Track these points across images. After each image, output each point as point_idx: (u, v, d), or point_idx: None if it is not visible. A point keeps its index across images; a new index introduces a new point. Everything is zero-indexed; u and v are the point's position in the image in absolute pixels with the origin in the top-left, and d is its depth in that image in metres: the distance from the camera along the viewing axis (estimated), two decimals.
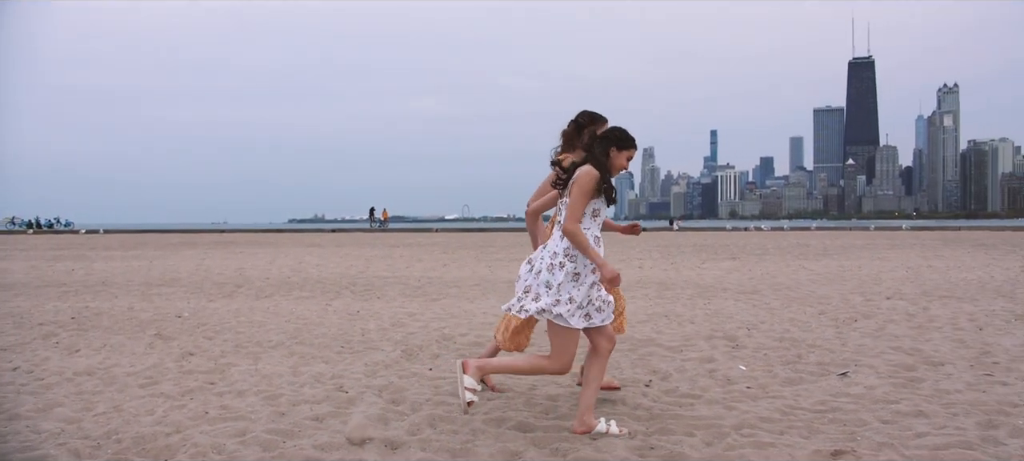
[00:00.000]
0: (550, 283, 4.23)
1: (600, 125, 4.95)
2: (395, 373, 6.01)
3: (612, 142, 4.38)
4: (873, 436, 4.33)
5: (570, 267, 4.22)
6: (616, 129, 4.45)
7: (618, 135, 4.40)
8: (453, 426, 4.60)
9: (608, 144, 4.37)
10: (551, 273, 4.25)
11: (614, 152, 4.36)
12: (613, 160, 4.36)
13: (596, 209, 4.32)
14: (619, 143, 4.38)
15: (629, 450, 4.13)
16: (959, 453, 4.04)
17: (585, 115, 5.00)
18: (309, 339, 7.55)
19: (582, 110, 5.07)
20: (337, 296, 11.38)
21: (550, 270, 4.25)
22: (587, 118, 4.99)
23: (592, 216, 4.31)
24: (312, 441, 4.32)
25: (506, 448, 4.19)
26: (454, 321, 8.67)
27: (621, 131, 4.43)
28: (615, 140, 4.38)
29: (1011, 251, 22.18)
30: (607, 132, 4.44)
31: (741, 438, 4.33)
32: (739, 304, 10.15)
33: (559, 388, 5.52)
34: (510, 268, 16.53)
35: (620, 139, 4.39)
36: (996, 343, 7.07)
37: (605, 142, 4.38)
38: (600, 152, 4.35)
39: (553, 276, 4.24)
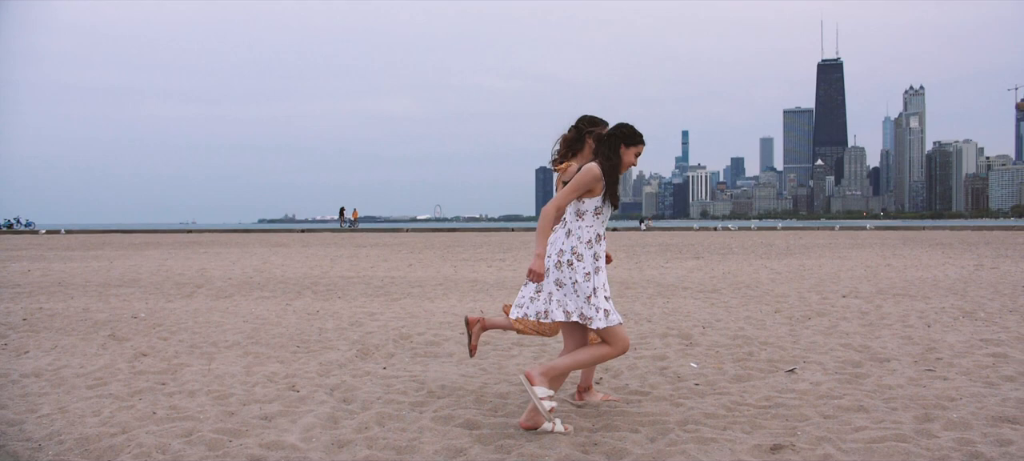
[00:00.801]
0: (562, 281, 4.27)
1: (601, 128, 4.95)
2: (349, 372, 6.02)
3: (620, 139, 4.39)
4: (813, 431, 4.42)
5: (579, 266, 4.25)
6: (623, 126, 4.45)
7: (626, 132, 4.41)
8: (401, 424, 4.63)
9: (617, 141, 4.39)
10: (560, 270, 4.28)
11: (623, 149, 4.39)
12: (622, 157, 4.38)
13: (598, 208, 4.34)
14: (627, 140, 4.40)
15: (572, 446, 4.17)
16: (893, 446, 4.13)
17: (585, 120, 5.00)
18: (266, 339, 7.52)
19: (582, 115, 5.05)
20: (298, 296, 11.33)
21: (558, 268, 4.29)
22: (587, 123, 4.98)
23: (594, 213, 4.34)
24: (258, 440, 4.32)
25: (451, 445, 4.23)
26: (413, 320, 8.68)
27: (628, 128, 4.43)
28: (623, 137, 4.40)
29: (967, 250, 22.63)
30: (614, 129, 4.45)
31: (684, 434, 4.40)
32: (698, 303, 10.27)
33: (510, 386, 5.55)
34: (475, 269, 16.56)
35: (628, 136, 4.40)
36: (942, 340, 7.23)
37: (613, 140, 4.40)
38: (609, 150, 4.36)
39: (562, 273, 4.27)
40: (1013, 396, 5.11)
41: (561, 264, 4.27)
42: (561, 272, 4.26)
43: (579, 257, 4.26)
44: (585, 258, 4.26)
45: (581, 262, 4.25)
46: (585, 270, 4.24)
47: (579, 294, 4.23)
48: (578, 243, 4.29)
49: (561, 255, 4.29)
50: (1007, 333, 7.56)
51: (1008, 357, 6.40)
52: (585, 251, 4.28)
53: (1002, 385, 5.44)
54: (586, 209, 4.36)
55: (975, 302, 10.03)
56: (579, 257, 4.26)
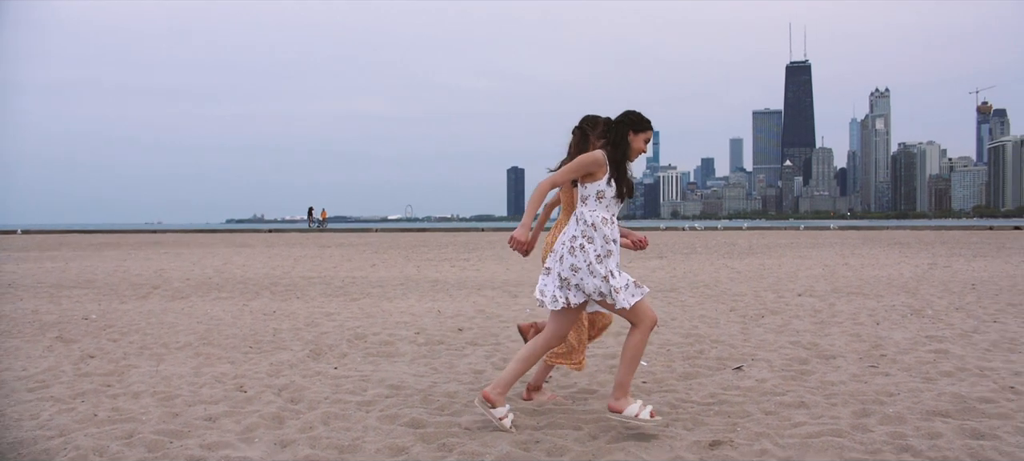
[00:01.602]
0: (577, 266, 4.25)
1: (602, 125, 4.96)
2: (299, 372, 6.00)
3: (628, 125, 4.36)
4: (752, 427, 4.49)
5: (591, 249, 4.24)
6: (631, 112, 4.41)
7: (633, 118, 4.38)
8: (346, 424, 4.63)
9: (624, 128, 4.36)
10: (573, 255, 4.27)
11: (631, 136, 4.36)
12: (631, 144, 4.37)
13: (601, 192, 4.31)
14: (635, 125, 4.37)
15: (514, 444, 4.20)
16: (828, 441, 4.21)
17: (589, 120, 5.01)
18: (218, 340, 7.46)
19: (584, 115, 5.07)
20: (256, 296, 11.25)
21: (572, 253, 4.28)
22: (590, 122, 5.00)
23: (596, 198, 4.32)
24: (200, 441, 4.29)
25: (394, 444, 4.24)
26: (369, 320, 8.67)
27: (636, 114, 4.40)
28: (631, 123, 4.37)
29: (923, 249, 23.07)
30: (621, 116, 4.41)
31: (626, 431, 4.44)
32: (655, 302, 10.35)
33: (459, 386, 5.57)
34: (438, 269, 16.54)
35: (635, 122, 4.37)
36: (888, 337, 7.37)
37: (621, 127, 4.37)
38: (618, 139, 4.35)
39: (575, 258, 4.26)
40: (949, 391, 5.23)
41: (574, 249, 4.26)
42: (574, 257, 4.25)
43: (590, 239, 4.25)
44: (595, 240, 4.26)
45: (592, 244, 4.24)
46: (596, 252, 4.23)
47: (595, 275, 4.22)
48: (586, 226, 4.29)
49: (573, 240, 4.28)
50: (951, 330, 7.72)
51: (949, 353, 6.54)
52: (594, 234, 4.28)
53: (940, 380, 5.57)
54: (588, 194, 4.34)
55: (925, 300, 10.23)
56: (590, 239, 4.25)
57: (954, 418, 4.62)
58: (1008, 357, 6.38)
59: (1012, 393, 5.19)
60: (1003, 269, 15.35)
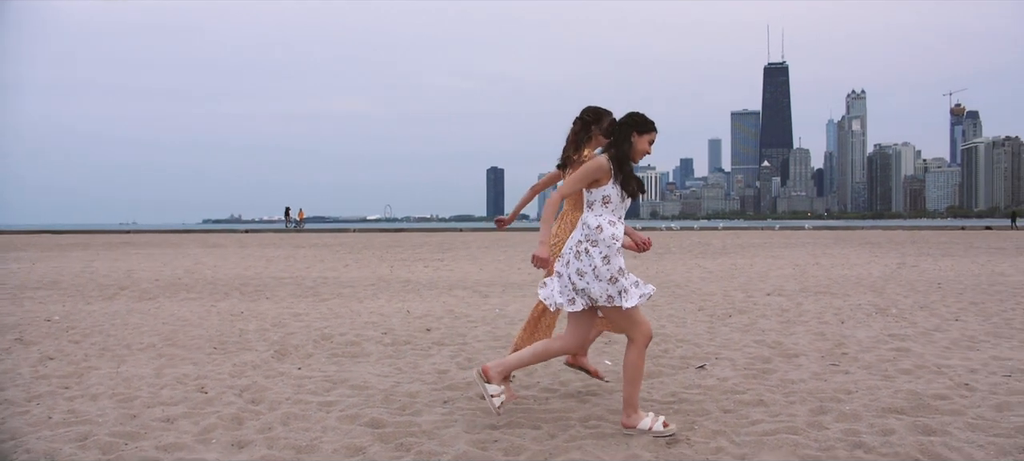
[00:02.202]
0: (582, 270, 4.26)
1: (606, 119, 4.95)
2: (262, 373, 5.96)
3: (632, 127, 4.35)
4: (710, 425, 4.52)
5: (596, 252, 4.24)
6: (635, 114, 4.40)
7: (637, 119, 4.37)
8: (306, 424, 4.61)
9: (628, 130, 4.35)
10: (579, 260, 4.28)
11: (635, 137, 4.35)
12: (635, 145, 4.36)
13: (606, 196, 4.31)
14: (639, 127, 4.35)
15: (471, 443, 4.21)
16: (783, 438, 4.25)
17: (590, 111, 5.01)
18: (183, 341, 7.40)
19: (586, 106, 5.07)
20: (225, 297, 11.17)
21: (578, 257, 4.28)
22: (593, 114, 5.00)
23: (602, 203, 4.31)
24: (156, 442, 4.26)
25: (352, 444, 4.23)
26: (338, 321, 8.63)
27: (639, 115, 4.39)
28: (635, 125, 4.35)
29: (893, 249, 23.35)
30: (625, 118, 4.39)
31: (585, 430, 4.47)
32: None
33: (422, 385, 5.56)
34: (411, 269, 16.51)
35: (640, 123, 4.36)
36: (852, 335, 7.44)
37: (625, 128, 4.35)
38: (622, 140, 4.34)
39: (581, 262, 4.26)
40: (906, 388, 5.30)
41: (579, 253, 4.27)
42: (580, 261, 4.26)
43: (594, 243, 4.26)
44: (600, 244, 4.26)
45: (596, 248, 4.25)
46: (602, 254, 4.23)
47: (602, 278, 4.22)
48: (591, 230, 4.30)
49: (579, 244, 4.30)
50: (913, 328, 7.82)
51: (910, 351, 6.63)
52: (599, 236, 4.29)
53: (898, 378, 5.64)
54: (594, 199, 4.35)
55: (890, 299, 10.36)
56: (594, 243, 4.26)
57: (908, 415, 4.67)
58: (966, 354, 6.47)
59: (966, 390, 5.26)
60: (969, 268, 15.57)
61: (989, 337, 7.29)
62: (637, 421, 4.35)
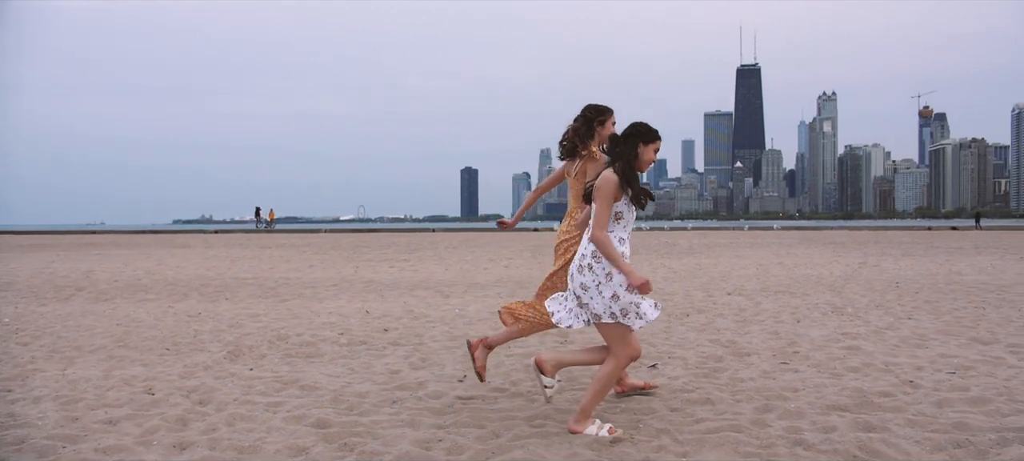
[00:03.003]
0: (586, 285, 4.25)
1: (607, 117, 4.96)
2: (213, 374, 5.91)
3: (638, 137, 4.32)
4: (655, 423, 4.55)
5: (599, 268, 4.23)
6: (639, 124, 4.38)
7: (642, 130, 4.34)
8: (251, 425, 4.59)
9: (634, 141, 4.32)
10: (582, 274, 4.27)
11: (641, 147, 4.33)
12: (641, 156, 4.33)
13: (619, 213, 4.30)
14: (644, 137, 4.33)
15: (414, 443, 4.20)
16: (726, 436, 4.30)
17: (592, 109, 5.00)
18: (136, 342, 7.31)
19: (588, 104, 5.06)
20: (183, 298, 11.05)
21: (581, 271, 4.28)
22: (594, 111, 4.99)
23: (615, 219, 4.30)
24: (95, 444, 4.21)
25: (295, 444, 4.21)
26: (295, 322, 8.57)
27: (644, 125, 4.37)
28: (640, 135, 4.33)
29: (857, 248, 23.66)
30: (631, 129, 4.37)
31: (529, 429, 4.48)
32: None
33: (372, 385, 5.54)
34: (376, 269, 16.44)
35: (645, 133, 4.33)
36: (805, 334, 7.53)
37: (631, 140, 4.33)
38: (627, 151, 4.30)
39: (584, 277, 4.26)
40: (852, 386, 5.37)
41: (583, 268, 4.28)
42: (584, 276, 4.26)
43: (599, 259, 4.24)
44: (604, 260, 4.24)
45: (600, 264, 4.23)
46: (606, 270, 4.22)
47: (603, 295, 4.23)
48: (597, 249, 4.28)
49: (582, 259, 4.30)
50: (867, 327, 7.92)
51: (860, 349, 6.71)
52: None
53: (845, 376, 5.71)
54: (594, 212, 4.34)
55: (848, 298, 10.49)
56: (599, 259, 4.24)
57: (851, 412, 4.74)
58: (914, 352, 6.57)
59: (910, 387, 5.35)
60: (928, 267, 15.82)
61: (939, 335, 7.41)
62: (584, 428, 4.36)
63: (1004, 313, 8.90)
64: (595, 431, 4.33)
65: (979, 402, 4.92)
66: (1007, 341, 7.07)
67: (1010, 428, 4.35)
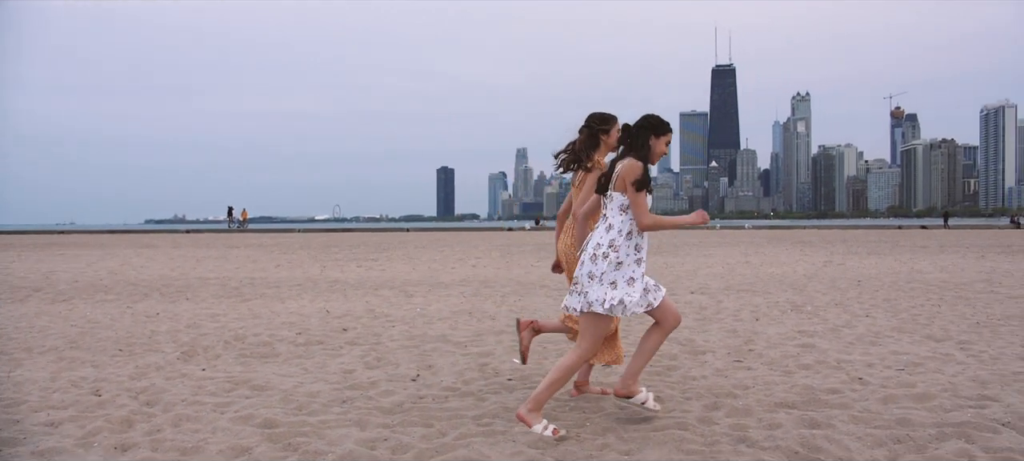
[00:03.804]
0: (594, 273, 4.26)
1: (611, 125, 4.96)
2: (164, 375, 5.84)
3: (650, 130, 4.40)
4: (602, 422, 4.56)
5: (614, 257, 4.25)
6: (652, 117, 4.46)
7: (654, 122, 4.43)
8: (197, 425, 4.54)
9: (647, 133, 4.40)
10: (594, 263, 4.28)
11: (653, 139, 4.40)
12: (653, 147, 4.40)
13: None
14: (656, 130, 4.41)
15: (358, 442, 4.18)
16: (672, 433, 4.31)
17: (596, 118, 4.99)
18: (88, 343, 7.21)
19: (591, 114, 5.04)
20: (144, 298, 10.91)
21: (593, 260, 4.28)
22: (598, 121, 4.98)
23: (624, 210, 4.33)
24: (33, 447, 4.14)
25: (239, 444, 4.17)
26: (255, 322, 8.50)
27: (656, 118, 4.46)
28: (652, 127, 4.41)
29: (824, 247, 23.92)
30: (643, 121, 4.45)
31: (476, 427, 4.46)
32: (550, 300, 10.45)
33: (325, 385, 5.51)
34: (343, 269, 16.35)
35: (657, 126, 4.42)
36: (762, 332, 7.58)
37: (643, 132, 4.40)
38: (641, 143, 4.38)
39: (596, 266, 4.26)
40: (802, 383, 5.41)
41: (596, 257, 4.29)
42: (595, 265, 4.28)
43: (615, 249, 4.27)
44: (620, 250, 4.27)
45: (616, 253, 4.26)
46: (617, 260, 4.27)
47: (604, 283, 4.25)
48: (617, 236, 4.30)
49: (597, 248, 4.31)
50: (824, 325, 8.00)
51: (814, 347, 6.77)
52: (623, 242, 4.30)
53: (797, 373, 5.76)
54: (626, 204, 4.36)
55: (809, 296, 10.59)
56: (615, 249, 4.27)
57: (798, 409, 4.78)
58: (867, 350, 6.64)
59: (859, 384, 5.40)
60: (891, 265, 16.02)
61: (894, 333, 7.50)
62: (532, 422, 4.36)
63: (959, 310, 9.04)
64: (540, 430, 4.33)
65: (923, 398, 4.98)
66: (958, 338, 7.18)
67: (950, 423, 4.41)
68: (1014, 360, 6.15)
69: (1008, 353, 6.44)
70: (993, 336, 7.29)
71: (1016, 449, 3.97)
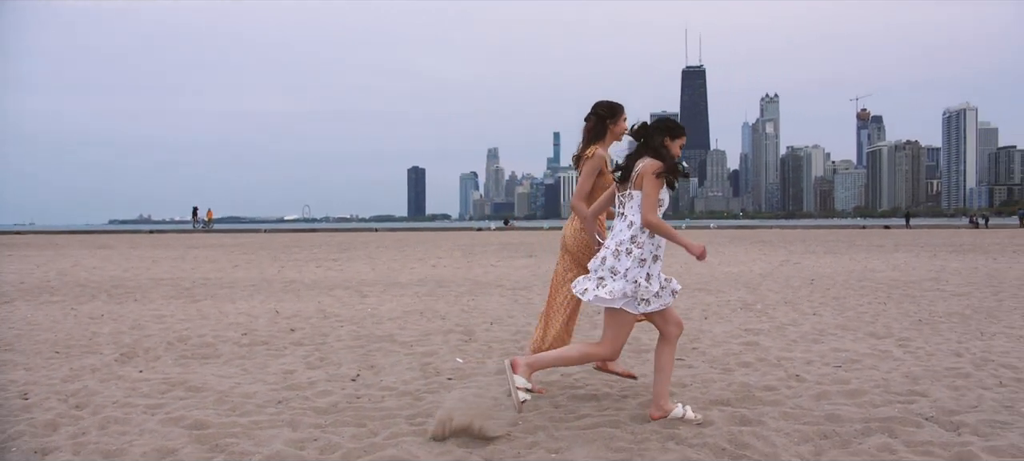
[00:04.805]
0: (616, 269, 4.29)
1: (619, 115, 4.99)
2: (98, 377, 5.73)
3: (665, 132, 4.47)
4: (535, 420, 4.55)
5: (637, 253, 4.30)
6: (667, 119, 4.52)
7: (669, 125, 4.50)
8: (124, 428, 4.46)
9: (661, 135, 4.46)
10: (617, 259, 4.31)
11: (668, 141, 4.46)
12: (668, 149, 4.46)
13: (660, 200, 4.42)
14: (671, 132, 4.48)
15: (288, 442, 4.13)
16: (602, 431, 4.32)
17: (604, 106, 5.01)
18: (24, 346, 7.06)
19: (598, 101, 5.06)
20: (91, 300, 10.72)
21: (616, 256, 4.32)
22: (606, 108, 5.00)
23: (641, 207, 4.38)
24: None
25: (164, 446, 4.11)
26: (202, 322, 8.39)
27: (672, 121, 4.52)
28: (667, 130, 4.48)
29: (783, 246, 24.23)
30: (658, 124, 4.50)
31: (408, 427, 4.44)
32: (502, 300, 10.44)
33: (263, 386, 5.44)
34: (302, 269, 16.22)
35: (672, 128, 4.49)
36: (709, 331, 7.63)
37: (658, 133, 4.46)
38: (658, 144, 4.43)
39: (619, 262, 4.30)
40: (739, 381, 5.45)
41: (619, 252, 4.34)
42: (618, 260, 4.33)
43: (639, 245, 4.32)
44: (645, 246, 4.33)
45: (639, 249, 4.32)
46: (640, 257, 4.31)
47: (628, 279, 4.30)
48: (639, 233, 4.36)
49: (620, 245, 4.36)
50: (771, 323, 8.07)
51: (758, 345, 6.83)
52: (645, 239, 4.35)
53: (737, 371, 5.80)
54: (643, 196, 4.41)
55: (760, 295, 10.69)
56: (639, 245, 4.32)
57: (731, 406, 4.81)
58: (809, 347, 6.71)
59: (796, 381, 5.45)
60: (846, 264, 16.24)
61: (837, 330, 7.59)
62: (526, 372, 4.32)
63: (904, 308, 9.18)
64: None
65: (855, 394, 5.05)
66: (899, 335, 7.29)
67: (877, 418, 4.46)
68: (948, 356, 6.26)
69: (943, 349, 6.55)
70: (932, 333, 7.41)
71: (935, 442, 4.04)
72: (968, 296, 10.46)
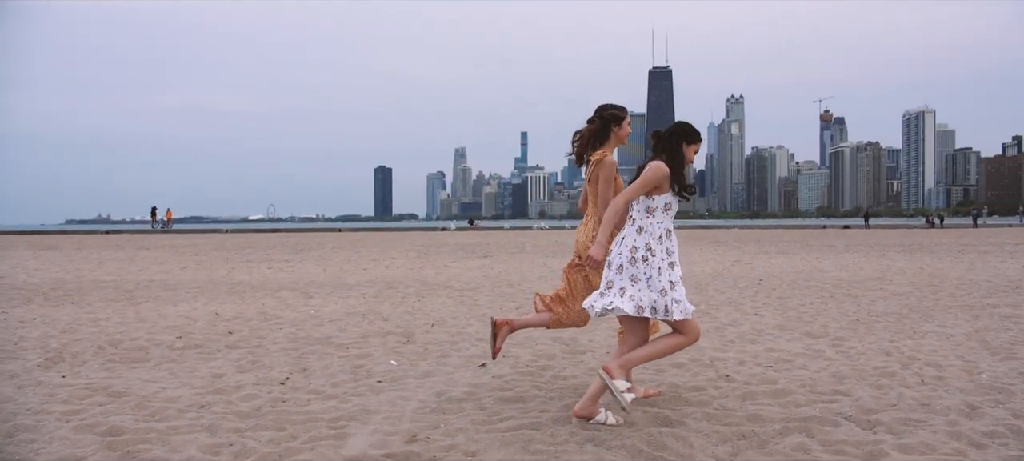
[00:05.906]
0: (636, 276, 4.28)
1: (624, 119, 4.98)
2: (16, 384, 5.58)
3: (682, 137, 4.48)
4: (457, 422, 4.52)
5: (653, 261, 4.29)
6: (684, 124, 4.54)
7: (685, 130, 4.50)
8: (34, 435, 4.34)
9: (678, 140, 4.47)
10: (634, 266, 4.29)
11: (684, 147, 4.47)
12: (684, 154, 4.47)
13: (668, 204, 4.42)
14: (688, 138, 4.49)
15: (202, 448, 4.06)
16: (523, 434, 4.29)
17: (608, 110, 4.99)
18: None
19: (602, 104, 5.04)
20: (25, 303, 10.46)
21: (633, 263, 4.30)
22: (610, 112, 4.98)
23: (664, 210, 4.41)
24: None
25: (73, 454, 4.01)
26: (138, 325, 8.22)
27: (688, 126, 4.53)
28: (684, 135, 4.48)
29: (738, 246, 24.51)
30: (676, 128, 4.52)
31: (329, 430, 4.38)
32: (448, 301, 10.39)
33: (189, 390, 5.34)
34: (252, 270, 16.02)
35: (688, 134, 4.50)
36: None
37: (674, 138, 4.47)
38: (673, 148, 4.45)
39: (637, 269, 4.28)
40: (668, 381, 5.48)
41: (635, 260, 4.33)
42: (636, 268, 4.32)
43: (652, 252, 4.32)
44: (658, 253, 4.33)
45: (655, 257, 4.32)
46: (659, 264, 4.31)
47: (653, 288, 4.29)
48: (651, 239, 4.35)
49: (635, 251, 4.34)
50: (711, 323, 8.12)
51: (694, 345, 6.84)
52: (657, 246, 4.34)
53: (668, 371, 5.82)
54: (656, 206, 4.43)
55: (706, 296, 10.77)
56: (652, 252, 4.32)
57: (656, 407, 4.81)
58: (744, 347, 6.76)
59: (725, 381, 5.48)
60: (796, 264, 16.44)
61: (775, 330, 7.65)
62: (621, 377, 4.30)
63: (845, 308, 9.30)
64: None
65: (781, 394, 5.08)
66: (835, 335, 7.37)
67: (797, 418, 4.50)
68: (878, 355, 6.34)
69: (874, 349, 6.64)
70: (867, 332, 7.51)
71: (849, 441, 4.08)
72: (907, 296, 10.63)
